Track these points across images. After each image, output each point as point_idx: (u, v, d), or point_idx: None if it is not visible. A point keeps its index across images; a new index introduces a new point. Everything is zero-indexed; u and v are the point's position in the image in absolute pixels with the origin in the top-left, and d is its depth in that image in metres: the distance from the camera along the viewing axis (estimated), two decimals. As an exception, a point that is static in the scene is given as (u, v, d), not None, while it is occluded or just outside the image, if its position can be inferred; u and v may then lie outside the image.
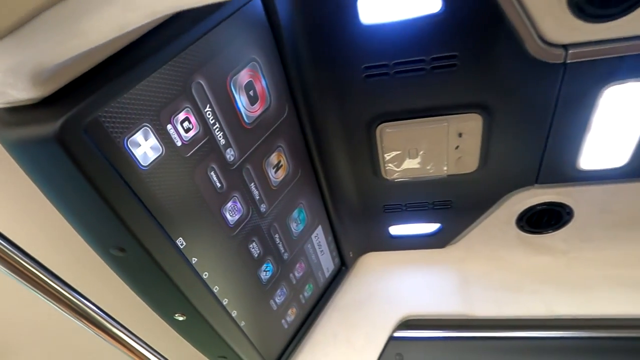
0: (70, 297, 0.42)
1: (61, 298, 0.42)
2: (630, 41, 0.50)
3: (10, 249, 0.37)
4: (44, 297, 0.40)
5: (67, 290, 0.42)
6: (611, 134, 0.60)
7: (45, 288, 0.40)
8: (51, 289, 0.41)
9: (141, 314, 0.54)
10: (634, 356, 0.74)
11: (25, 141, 0.33)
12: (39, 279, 0.40)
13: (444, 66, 0.54)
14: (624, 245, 0.77)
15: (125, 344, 0.47)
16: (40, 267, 0.39)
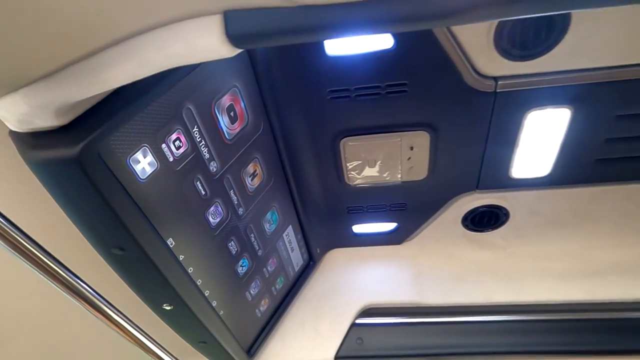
0: (66, 277, 0.49)
1: (59, 278, 0.48)
2: (545, 76, 0.61)
3: (11, 229, 0.43)
4: (44, 276, 0.46)
5: (66, 272, 0.49)
6: (535, 150, 0.71)
7: (45, 268, 0.47)
8: (49, 268, 0.47)
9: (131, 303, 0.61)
10: (559, 336, 0.86)
11: (48, 161, 0.40)
12: (39, 259, 0.46)
13: (396, 92, 0.64)
14: (551, 242, 0.89)
15: (115, 322, 0.54)
16: (40, 248, 0.45)
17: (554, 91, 0.63)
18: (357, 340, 0.88)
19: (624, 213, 0.83)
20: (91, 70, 0.35)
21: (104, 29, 0.32)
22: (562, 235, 0.88)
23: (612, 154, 0.71)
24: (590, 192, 0.79)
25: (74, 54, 0.34)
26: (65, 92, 0.36)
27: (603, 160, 0.73)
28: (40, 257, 0.44)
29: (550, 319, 0.86)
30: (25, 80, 0.36)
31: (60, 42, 0.32)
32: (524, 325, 0.86)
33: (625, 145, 0.70)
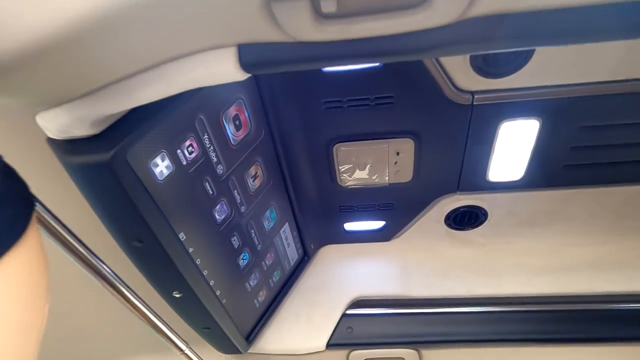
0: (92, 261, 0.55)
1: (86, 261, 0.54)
2: (516, 91, 0.69)
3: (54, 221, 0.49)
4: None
5: (92, 256, 0.55)
6: (509, 156, 0.79)
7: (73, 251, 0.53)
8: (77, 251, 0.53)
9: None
10: (533, 325, 0.93)
11: (83, 165, 0.47)
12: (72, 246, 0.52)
13: (384, 103, 0.71)
14: (526, 240, 0.97)
15: (132, 304, 0.61)
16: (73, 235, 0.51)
17: (524, 105, 0.70)
18: (348, 329, 0.95)
19: (592, 214, 0.91)
20: (127, 90, 0.42)
21: (141, 58, 0.39)
22: (536, 234, 0.96)
23: (578, 160, 0.79)
24: (560, 195, 0.87)
25: (114, 77, 0.41)
26: (102, 108, 0.43)
27: (570, 166, 0.80)
28: (74, 244, 0.50)
29: (525, 310, 0.94)
30: (69, 97, 0.42)
31: (103, 67, 0.39)
32: (501, 316, 0.94)
33: (589, 153, 0.78)
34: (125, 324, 0.92)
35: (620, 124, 0.74)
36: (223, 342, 0.85)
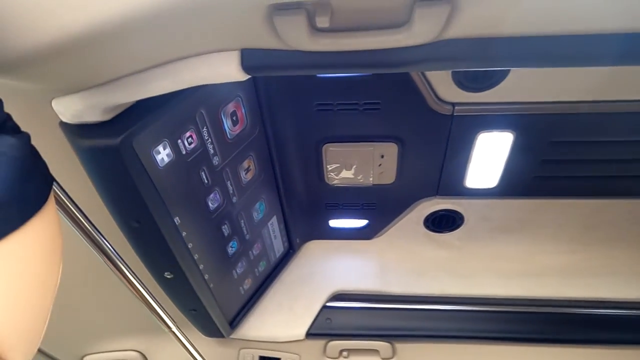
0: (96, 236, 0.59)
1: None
2: (492, 105, 0.75)
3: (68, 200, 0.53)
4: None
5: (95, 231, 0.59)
6: (485, 165, 0.85)
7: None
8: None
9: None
10: (501, 324, 0.99)
11: (93, 148, 0.51)
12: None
13: (371, 109, 0.76)
14: (499, 245, 1.03)
15: (127, 279, 0.65)
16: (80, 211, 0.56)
17: (499, 118, 0.76)
18: (327, 320, 1.00)
19: (560, 224, 0.98)
20: (139, 83, 0.47)
21: (153, 56, 0.44)
22: (507, 240, 1.02)
23: (548, 173, 0.86)
24: (531, 204, 0.94)
25: (128, 70, 0.45)
26: (114, 97, 0.48)
27: (541, 177, 0.87)
28: (81, 220, 0.55)
29: (494, 310, 1.00)
30: (85, 86, 0.47)
31: (119, 62, 0.44)
32: (471, 315, 1.00)
33: (558, 167, 0.85)
34: (113, 305, 0.96)
35: (587, 141, 0.80)
36: (208, 325, 0.89)
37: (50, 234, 0.35)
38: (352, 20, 0.40)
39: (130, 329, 1.05)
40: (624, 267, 1.00)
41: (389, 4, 0.38)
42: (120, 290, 0.88)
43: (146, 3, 0.36)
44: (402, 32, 0.40)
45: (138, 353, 1.08)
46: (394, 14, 0.39)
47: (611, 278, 0.99)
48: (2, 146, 0.31)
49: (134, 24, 0.38)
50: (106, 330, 1.05)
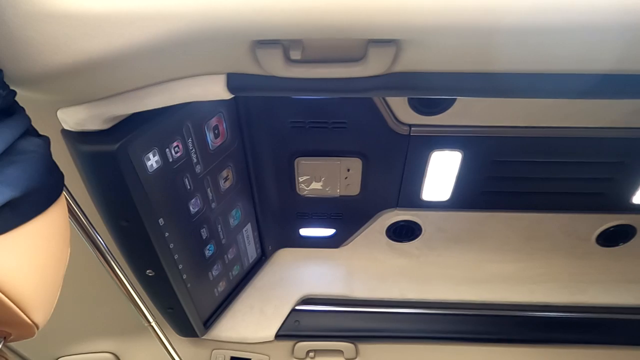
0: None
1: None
2: (443, 127, 0.86)
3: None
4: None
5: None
6: (438, 180, 0.96)
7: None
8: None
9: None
10: (454, 326, 1.09)
11: (93, 153, 0.59)
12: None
13: (338, 127, 0.86)
14: (452, 254, 1.14)
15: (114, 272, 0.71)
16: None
17: (449, 139, 0.88)
18: (295, 322, 1.07)
19: (504, 235, 1.09)
20: (137, 98, 0.55)
21: (152, 76, 0.52)
22: (460, 249, 1.13)
23: (493, 188, 0.97)
24: (479, 216, 1.05)
25: (128, 87, 0.53)
26: (115, 109, 0.56)
27: (487, 192, 0.98)
28: (78, 213, 0.61)
29: (448, 313, 1.10)
30: (89, 99, 0.55)
31: (122, 80, 0.52)
32: (428, 317, 1.10)
33: (501, 183, 0.97)
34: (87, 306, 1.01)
35: (526, 161, 0.92)
36: (183, 325, 0.95)
37: (64, 218, 0.43)
38: (320, 55, 0.50)
39: (104, 330, 1.09)
40: (561, 275, 1.12)
41: (348, 44, 0.48)
42: (96, 291, 0.93)
43: (150, 35, 0.44)
44: (359, 65, 0.51)
45: (112, 355, 1.12)
46: (353, 52, 0.50)
47: (550, 284, 1.11)
48: (33, 145, 0.39)
49: (139, 51, 0.46)
50: (80, 332, 1.09)
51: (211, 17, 0.42)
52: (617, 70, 0.51)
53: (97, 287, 0.90)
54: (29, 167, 0.37)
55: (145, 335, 1.01)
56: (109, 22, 0.41)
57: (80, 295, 0.93)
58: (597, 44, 0.45)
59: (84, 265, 0.74)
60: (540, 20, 0.41)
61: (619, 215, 1.03)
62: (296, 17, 0.42)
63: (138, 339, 1.09)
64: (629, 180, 0.94)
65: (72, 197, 0.58)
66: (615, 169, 0.92)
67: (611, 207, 1.01)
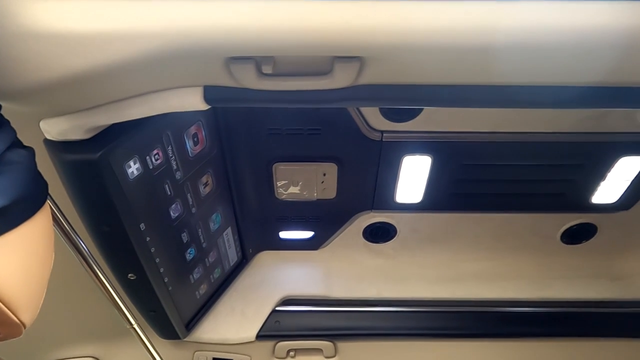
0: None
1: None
2: (413, 133, 0.90)
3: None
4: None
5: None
6: (410, 183, 1.01)
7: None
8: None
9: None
10: (429, 322, 1.14)
11: (75, 162, 0.61)
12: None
13: (314, 134, 0.90)
14: (427, 253, 1.19)
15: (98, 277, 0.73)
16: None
17: (419, 144, 0.92)
18: (276, 323, 1.11)
19: (475, 235, 1.15)
20: (118, 109, 0.58)
21: (132, 89, 0.55)
22: (434, 249, 1.18)
23: (462, 190, 1.03)
24: (451, 217, 1.10)
25: (111, 99, 0.56)
26: (97, 120, 0.59)
27: (457, 194, 1.03)
28: (61, 219, 0.63)
29: (423, 310, 1.15)
30: (72, 110, 0.58)
31: (104, 93, 0.55)
32: (404, 315, 1.14)
33: (470, 185, 1.02)
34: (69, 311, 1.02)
35: (492, 164, 0.98)
36: (165, 327, 0.97)
37: (49, 223, 0.46)
38: (290, 69, 0.54)
39: (85, 335, 1.11)
40: (529, 271, 1.18)
41: (316, 60, 0.52)
42: (76, 296, 0.95)
43: (130, 53, 0.47)
44: (327, 79, 0.55)
45: (94, 359, 1.13)
46: (321, 66, 0.54)
47: (518, 281, 1.17)
48: (19, 156, 0.41)
49: (119, 68, 0.49)
50: (62, 337, 1.10)
51: (187, 36, 0.46)
52: (565, 82, 0.56)
53: (77, 292, 0.92)
54: (16, 177, 0.40)
55: (127, 339, 1.03)
56: (90, 41, 0.44)
57: (61, 300, 0.95)
58: (536, 60, 0.50)
59: (65, 270, 0.76)
60: (479, 40, 0.45)
61: (581, 214, 1.09)
62: (267, 36, 0.46)
63: (119, 343, 1.11)
64: (587, 181, 1.00)
65: (55, 204, 0.61)
66: (575, 171, 0.99)
67: (573, 207, 1.07)
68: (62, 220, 0.63)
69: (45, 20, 0.43)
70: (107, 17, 0.44)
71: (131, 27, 0.45)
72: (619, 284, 1.17)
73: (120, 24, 0.44)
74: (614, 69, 0.53)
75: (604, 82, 0.56)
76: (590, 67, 0.52)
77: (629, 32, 0.46)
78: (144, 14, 0.44)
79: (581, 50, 0.48)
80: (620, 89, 0.57)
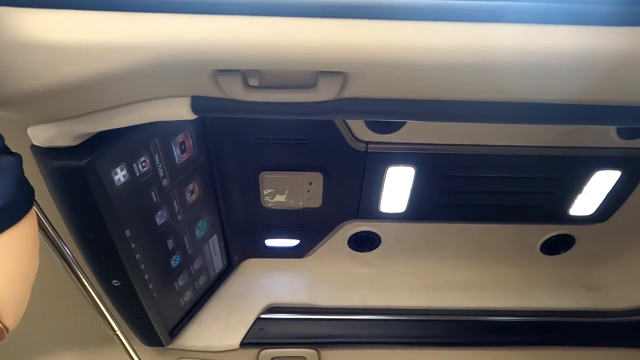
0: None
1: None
2: (397, 145, 0.93)
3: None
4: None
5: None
6: (395, 193, 1.03)
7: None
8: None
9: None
10: (411, 331, 1.15)
11: (62, 168, 0.62)
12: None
13: (300, 143, 0.92)
14: (410, 263, 1.20)
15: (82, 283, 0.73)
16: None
17: (403, 155, 0.95)
18: (260, 330, 1.11)
19: (458, 244, 1.17)
20: (106, 117, 0.59)
21: (121, 98, 0.57)
22: (418, 258, 1.20)
23: (445, 201, 1.05)
24: (434, 227, 1.13)
25: (99, 107, 0.57)
26: (84, 127, 0.60)
27: (439, 204, 1.06)
28: (46, 225, 0.64)
29: (406, 319, 1.16)
30: (60, 118, 0.58)
31: (92, 102, 0.56)
32: (387, 323, 1.16)
33: (453, 196, 1.04)
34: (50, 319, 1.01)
35: (473, 176, 1.00)
36: (149, 334, 0.97)
37: (34, 229, 0.46)
38: (276, 81, 0.56)
39: (68, 342, 1.10)
40: (509, 281, 1.21)
41: (301, 74, 0.54)
42: (59, 303, 0.94)
43: (119, 64, 0.49)
44: (311, 92, 0.56)
45: (76, 367, 1.12)
46: (306, 80, 0.55)
47: (499, 291, 1.19)
48: (7, 163, 0.42)
49: (108, 78, 0.50)
50: (44, 343, 1.09)
51: (175, 49, 0.47)
52: (543, 100, 0.59)
53: (61, 297, 0.92)
54: (3, 183, 0.40)
55: (110, 346, 1.02)
56: (80, 52, 0.46)
57: (44, 305, 0.94)
58: (513, 79, 0.53)
59: (49, 276, 0.76)
60: (457, 59, 0.48)
61: (559, 225, 1.12)
62: (253, 51, 0.48)
63: (102, 350, 1.10)
64: (565, 194, 1.04)
65: (40, 210, 0.61)
66: (553, 184, 1.02)
67: (552, 219, 1.10)
68: (47, 226, 0.63)
69: (35, 30, 0.44)
70: (97, 29, 0.45)
71: (121, 39, 0.46)
72: (596, 294, 1.20)
73: (110, 36, 0.46)
74: (589, 89, 0.56)
75: (580, 100, 0.59)
76: (566, 86, 0.55)
77: (602, 55, 0.49)
78: (133, 26, 0.46)
79: (558, 70, 0.51)
80: (596, 107, 0.60)
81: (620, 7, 0.47)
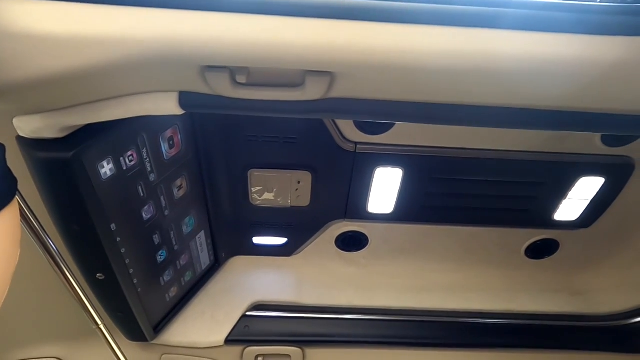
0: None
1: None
2: (385, 146, 0.93)
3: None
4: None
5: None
6: (382, 194, 1.04)
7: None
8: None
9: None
10: (396, 331, 1.16)
11: (48, 160, 0.62)
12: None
13: (290, 142, 0.92)
14: (397, 263, 1.21)
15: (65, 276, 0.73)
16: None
17: (391, 156, 0.95)
18: (245, 327, 1.11)
19: (444, 247, 1.18)
20: (94, 109, 0.59)
21: (108, 91, 0.57)
22: (404, 259, 1.21)
23: (432, 203, 1.06)
24: (421, 229, 1.13)
25: (86, 100, 0.57)
26: (71, 119, 0.60)
27: (426, 206, 1.07)
28: (30, 217, 0.64)
29: (392, 319, 1.17)
30: (47, 109, 0.58)
31: (80, 94, 0.56)
32: (373, 323, 1.16)
33: (439, 199, 1.05)
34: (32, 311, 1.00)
35: (460, 179, 1.01)
36: (132, 329, 0.97)
37: (16, 220, 0.46)
38: (264, 79, 0.56)
39: (50, 335, 1.09)
40: (494, 284, 1.22)
41: (289, 72, 0.55)
42: (42, 295, 0.94)
43: (107, 57, 0.49)
44: (299, 91, 0.57)
45: (58, 360, 1.11)
46: (293, 78, 0.56)
47: (484, 293, 1.21)
48: None
49: (95, 70, 0.50)
50: (26, 337, 1.08)
51: (164, 44, 0.48)
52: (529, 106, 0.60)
53: (43, 290, 0.91)
54: (-15, 173, 0.40)
55: (92, 340, 1.02)
56: (68, 44, 0.46)
57: (26, 298, 0.93)
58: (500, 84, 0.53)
59: (31, 268, 0.76)
60: (444, 62, 0.48)
61: (544, 230, 1.14)
62: (240, 49, 0.48)
63: (84, 344, 1.09)
64: (550, 199, 1.05)
65: (24, 201, 0.61)
66: (538, 189, 1.03)
67: (537, 223, 1.12)
68: (30, 217, 0.63)
69: (23, 21, 0.44)
70: (85, 21, 0.45)
71: (108, 33, 0.46)
72: (579, 298, 1.22)
73: (98, 29, 0.46)
74: (576, 96, 0.57)
75: (567, 107, 0.60)
76: (553, 93, 0.56)
77: (591, 63, 0.50)
78: (121, 19, 0.46)
79: (545, 77, 0.52)
80: (582, 114, 0.61)
81: (610, 17, 0.48)
